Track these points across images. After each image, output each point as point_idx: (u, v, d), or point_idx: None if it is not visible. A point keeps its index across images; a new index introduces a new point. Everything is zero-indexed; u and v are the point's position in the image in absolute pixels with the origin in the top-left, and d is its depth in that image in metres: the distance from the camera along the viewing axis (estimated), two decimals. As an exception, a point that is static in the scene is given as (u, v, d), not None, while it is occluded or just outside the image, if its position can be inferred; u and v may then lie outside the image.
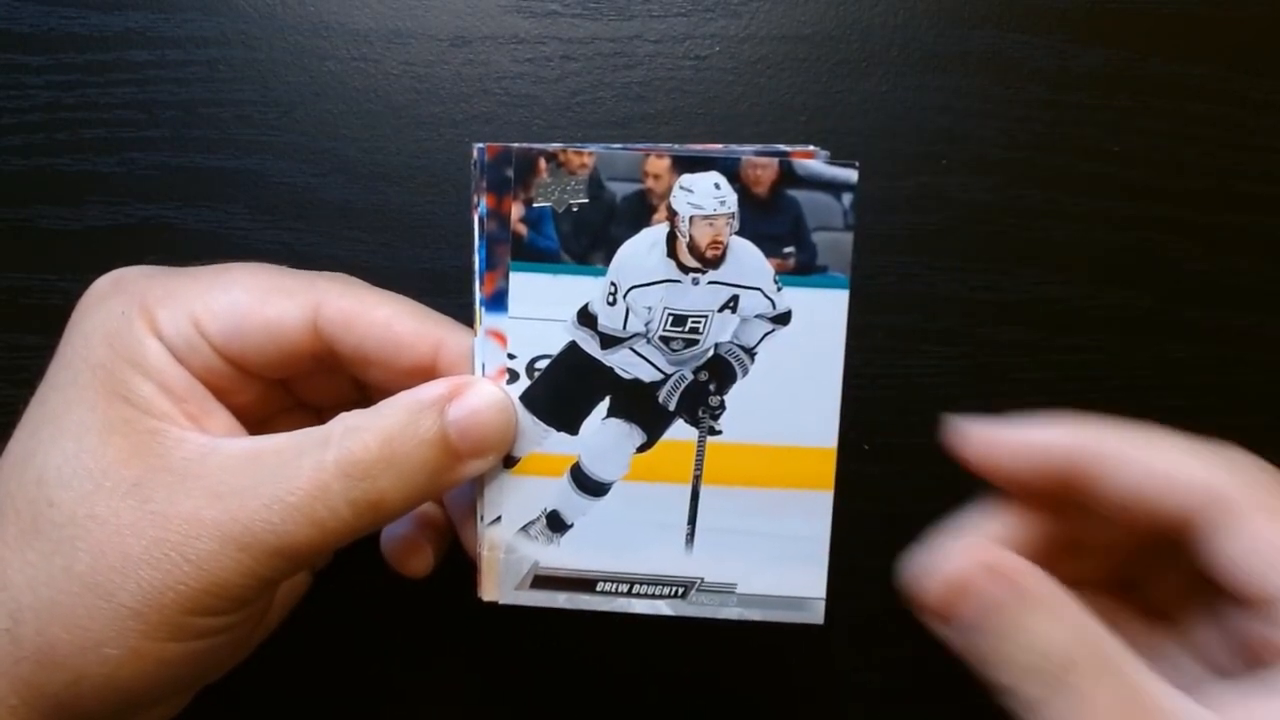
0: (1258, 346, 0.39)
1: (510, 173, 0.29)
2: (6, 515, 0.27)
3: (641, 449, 0.30)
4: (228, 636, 0.28)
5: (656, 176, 0.29)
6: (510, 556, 0.30)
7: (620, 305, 0.29)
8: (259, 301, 0.29)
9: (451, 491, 0.31)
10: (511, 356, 0.29)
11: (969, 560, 0.27)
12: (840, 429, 0.30)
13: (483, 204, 0.29)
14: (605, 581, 0.31)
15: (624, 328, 0.29)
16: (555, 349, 0.30)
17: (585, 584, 0.31)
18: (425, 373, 0.29)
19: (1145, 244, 0.38)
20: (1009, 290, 0.38)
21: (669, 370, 0.30)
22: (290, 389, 0.33)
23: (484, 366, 0.30)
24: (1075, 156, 0.38)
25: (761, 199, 0.29)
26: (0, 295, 0.38)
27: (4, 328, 0.38)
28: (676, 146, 0.29)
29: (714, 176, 0.29)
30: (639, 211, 0.29)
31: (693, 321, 0.29)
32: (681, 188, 0.29)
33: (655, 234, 0.29)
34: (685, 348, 0.30)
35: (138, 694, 0.27)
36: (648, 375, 0.30)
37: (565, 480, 0.30)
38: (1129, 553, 0.31)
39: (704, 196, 0.29)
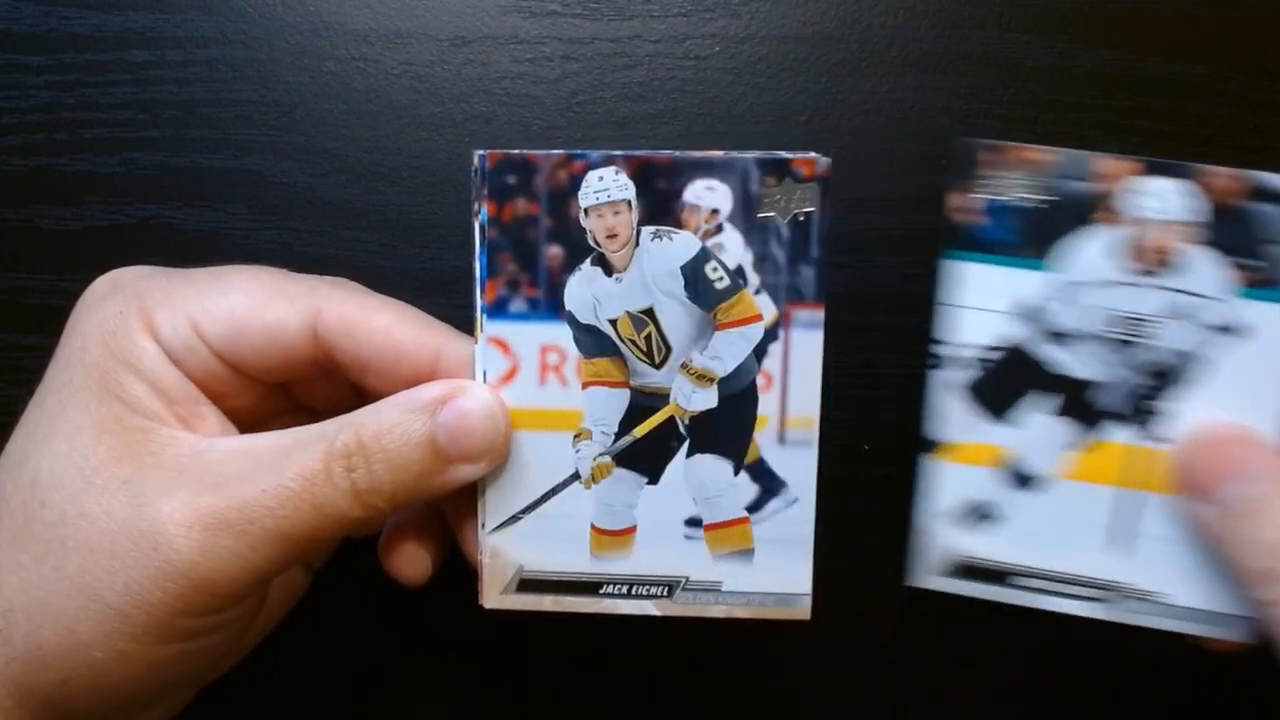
0: (1257, 347, 0.39)
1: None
2: (2, 518, 0.27)
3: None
4: (219, 637, 0.28)
5: (1108, 177, 0.29)
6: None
7: (1068, 303, 0.29)
8: (258, 306, 0.29)
9: (450, 497, 0.31)
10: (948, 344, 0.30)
11: (1235, 433, 0.28)
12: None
13: (484, 211, 0.29)
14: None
15: (1069, 326, 0.30)
16: (995, 341, 0.30)
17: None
18: (424, 381, 0.29)
19: (1145, 244, 0.38)
20: (1009, 290, 0.38)
21: (1113, 372, 0.30)
22: (289, 392, 0.33)
23: (485, 373, 0.30)
24: (1075, 157, 0.38)
25: (1224, 209, 0.29)
26: (0, 295, 0.38)
27: (4, 328, 0.38)
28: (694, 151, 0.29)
29: (1173, 183, 0.29)
30: (1089, 211, 0.29)
31: (1141, 324, 0.29)
32: (1136, 191, 0.29)
33: (1107, 234, 0.29)
34: (1131, 350, 0.29)
35: (129, 696, 0.27)
36: (1091, 375, 0.30)
37: None
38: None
39: (1159, 202, 0.29)
